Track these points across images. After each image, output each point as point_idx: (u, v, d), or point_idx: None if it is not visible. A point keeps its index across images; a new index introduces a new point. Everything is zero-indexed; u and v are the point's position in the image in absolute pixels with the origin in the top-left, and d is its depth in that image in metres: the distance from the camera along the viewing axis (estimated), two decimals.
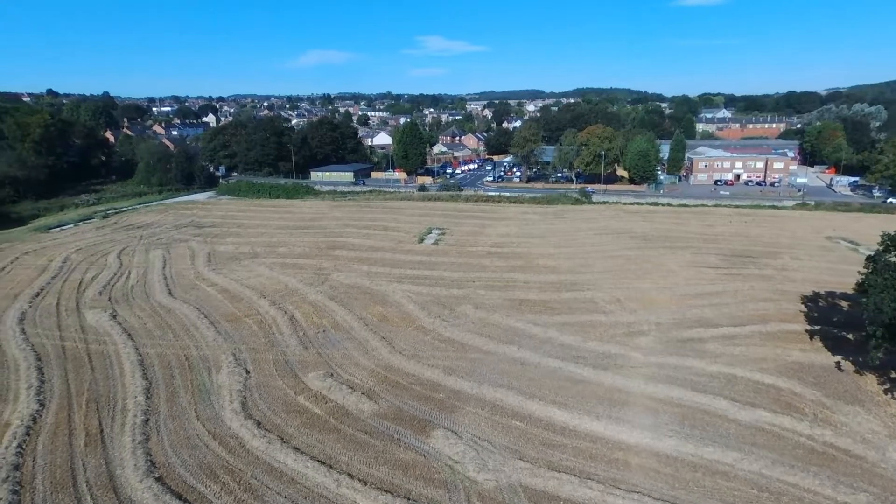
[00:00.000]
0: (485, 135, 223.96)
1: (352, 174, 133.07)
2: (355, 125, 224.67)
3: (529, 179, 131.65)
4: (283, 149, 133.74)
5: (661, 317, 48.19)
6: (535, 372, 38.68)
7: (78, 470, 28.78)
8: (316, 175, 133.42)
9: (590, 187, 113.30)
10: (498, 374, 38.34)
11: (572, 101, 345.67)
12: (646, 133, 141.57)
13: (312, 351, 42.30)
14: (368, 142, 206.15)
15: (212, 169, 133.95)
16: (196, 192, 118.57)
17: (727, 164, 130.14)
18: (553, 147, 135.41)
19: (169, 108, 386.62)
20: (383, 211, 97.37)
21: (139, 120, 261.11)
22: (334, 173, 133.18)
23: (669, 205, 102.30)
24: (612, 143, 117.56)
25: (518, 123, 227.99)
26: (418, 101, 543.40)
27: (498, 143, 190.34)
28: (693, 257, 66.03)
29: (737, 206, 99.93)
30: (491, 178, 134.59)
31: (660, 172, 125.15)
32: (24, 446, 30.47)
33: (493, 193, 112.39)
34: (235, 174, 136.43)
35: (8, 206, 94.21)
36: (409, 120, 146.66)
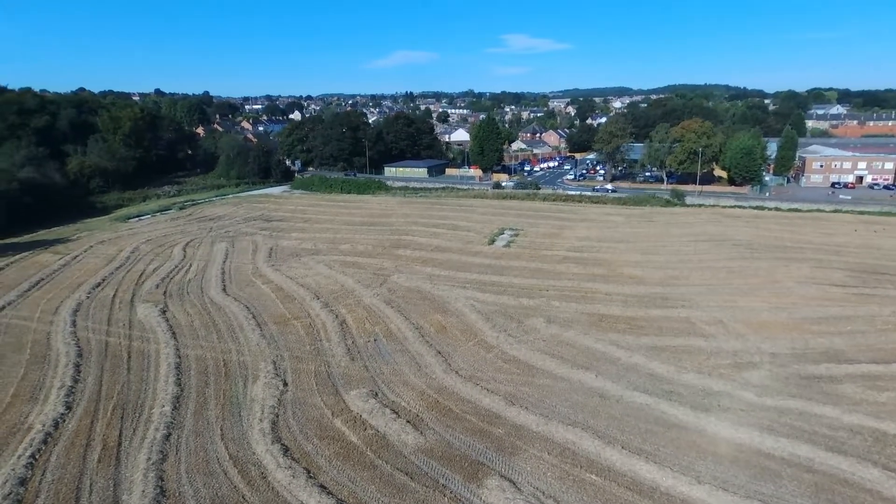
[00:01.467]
0: (567, 132, 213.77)
1: (425, 170, 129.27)
2: (433, 121, 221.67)
3: (614, 178, 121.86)
4: (359, 144, 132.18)
5: (777, 345, 39.44)
6: (617, 408, 31.78)
7: (84, 491, 25.53)
8: (389, 171, 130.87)
9: (683, 188, 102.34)
10: (570, 408, 31.83)
11: (663, 96, 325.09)
12: (749, 129, 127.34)
13: (359, 363, 37.66)
14: (446, 138, 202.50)
15: (289, 163, 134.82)
16: (271, 186, 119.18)
17: (847, 165, 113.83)
18: (641, 144, 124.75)
19: (259, 106, 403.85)
20: (454, 209, 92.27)
21: (230, 116, 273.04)
22: (407, 169, 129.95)
23: (777, 209, 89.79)
24: (711, 139, 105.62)
25: (603, 120, 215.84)
26: (500, 99, 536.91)
27: (581, 140, 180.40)
28: (812, 272, 55.60)
29: (861, 213, 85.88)
30: (572, 177, 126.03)
31: (765, 173, 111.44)
32: (37, 457, 27.77)
33: (573, 192, 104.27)
34: (311, 169, 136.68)
35: (97, 196, 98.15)
36: (486, 117, 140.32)
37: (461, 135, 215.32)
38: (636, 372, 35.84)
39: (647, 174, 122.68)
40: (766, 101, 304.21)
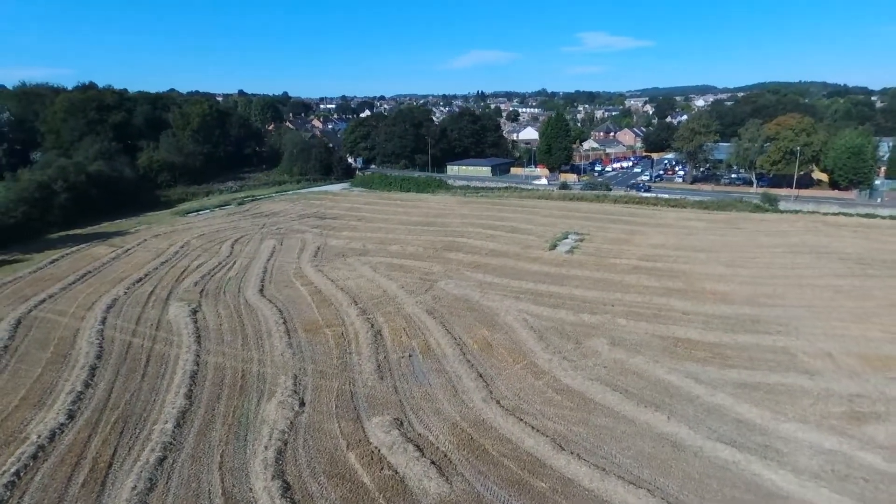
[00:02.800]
0: (643, 130, 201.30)
1: (489, 169, 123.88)
2: (501, 119, 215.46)
3: (695, 180, 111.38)
4: (421, 141, 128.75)
5: None
6: (695, 465, 25.30)
7: None
8: (452, 169, 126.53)
9: (776, 192, 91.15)
10: (634, 460, 25.68)
11: (752, 94, 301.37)
12: (854, 127, 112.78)
13: (388, 383, 33.07)
14: (514, 137, 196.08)
15: (351, 160, 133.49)
16: (332, 183, 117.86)
17: None
18: (727, 144, 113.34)
19: (332, 106, 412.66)
20: (515, 210, 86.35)
21: (303, 115, 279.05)
22: (470, 167, 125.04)
23: (893, 218, 77.47)
24: (811, 136, 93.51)
25: (684, 118, 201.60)
26: (573, 98, 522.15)
27: (658, 140, 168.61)
28: None
29: None
30: (647, 177, 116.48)
31: (875, 176, 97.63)
32: (21, 475, 25.04)
33: (647, 195, 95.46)
34: (373, 166, 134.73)
35: (163, 190, 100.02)
36: (554, 114, 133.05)
37: (530, 133, 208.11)
38: (720, 416, 29.01)
39: (734, 176, 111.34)
40: (873, 98, 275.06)
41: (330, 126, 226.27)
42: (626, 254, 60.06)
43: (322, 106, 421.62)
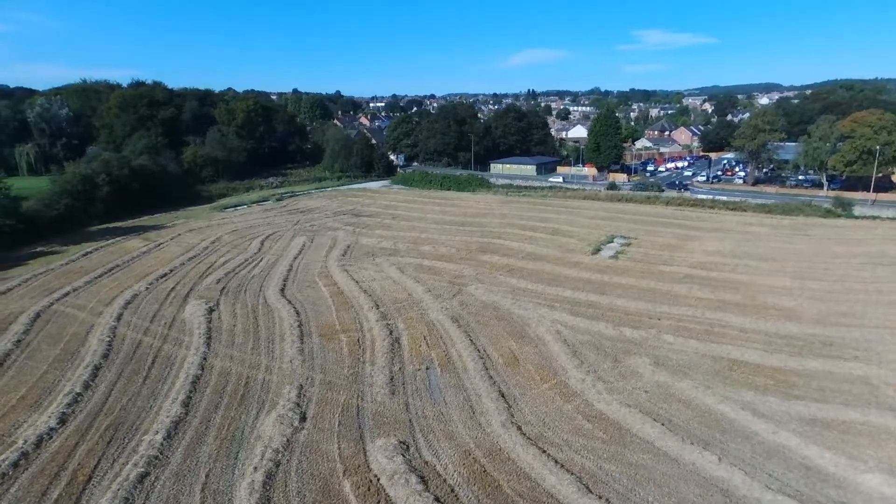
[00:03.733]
0: (701, 129, 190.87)
1: (533, 167, 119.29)
2: (550, 117, 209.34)
3: (757, 181, 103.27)
4: (465, 138, 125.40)
5: None
6: None
7: None
8: (495, 167, 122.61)
9: (850, 195, 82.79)
10: None
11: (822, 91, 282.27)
12: None
13: (400, 400, 29.96)
14: (562, 135, 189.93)
15: (392, 158, 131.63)
16: (372, 181, 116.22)
17: None
18: (794, 143, 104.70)
19: (382, 104, 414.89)
20: (558, 210, 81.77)
21: (351, 113, 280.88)
22: (514, 166, 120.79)
23: None
24: (893, 135, 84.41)
25: (746, 116, 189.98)
26: (628, 97, 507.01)
27: (717, 139, 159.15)
28: None
29: None
30: (704, 178, 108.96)
31: None
32: None
33: (704, 196, 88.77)
34: (415, 164, 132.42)
35: (206, 185, 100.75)
36: (604, 109, 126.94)
37: (579, 131, 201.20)
38: (784, 460, 24.38)
39: (801, 177, 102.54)
40: None
41: (377, 123, 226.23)
42: (676, 261, 54.88)
43: (372, 104, 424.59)
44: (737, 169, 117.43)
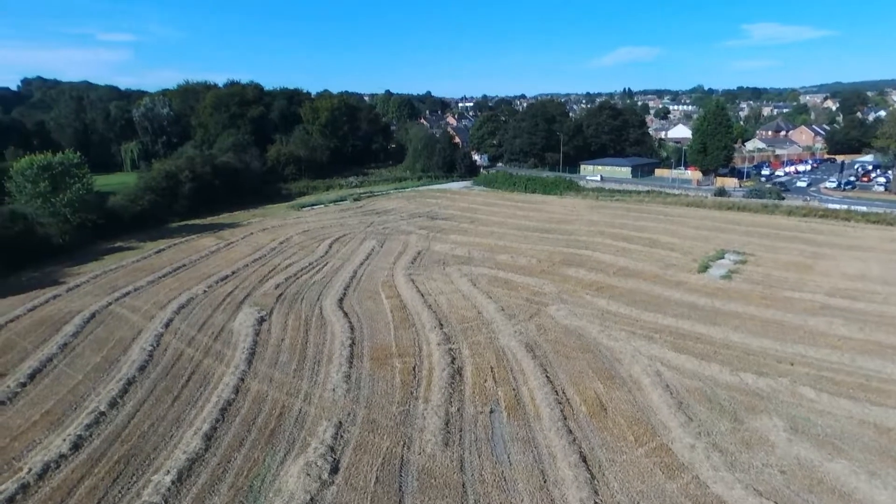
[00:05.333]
0: (826, 129, 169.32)
1: (628, 169, 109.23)
2: (647, 116, 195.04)
3: None
4: (553, 138, 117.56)
5: None
6: None
7: None
8: (585, 168, 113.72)
9: None
10: None
11: None
12: None
13: (453, 453, 24.27)
14: (661, 135, 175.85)
15: (476, 157, 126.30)
16: (454, 181, 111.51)
17: None
18: None
19: (470, 104, 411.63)
20: (656, 218, 72.52)
21: (439, 112, 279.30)
22: (607, 167, 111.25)
23: None
24: None
25: (882, 114, 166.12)
26: (735, 95, 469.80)
27: (846, 139, 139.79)
28: None
29: None
30: (834, 184, 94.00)
31: None
32: None
33: (835, 206, 75.58)
34: (500, 164, 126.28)
35: (287, 183, 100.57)
36: (713, 105, 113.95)
37: (681, 131, 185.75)
38: None
39: None
40: None
41: (463, 123, 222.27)
42: (807, 285, 45.01)
43: (461, 104, 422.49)
44: (875, 174, 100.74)
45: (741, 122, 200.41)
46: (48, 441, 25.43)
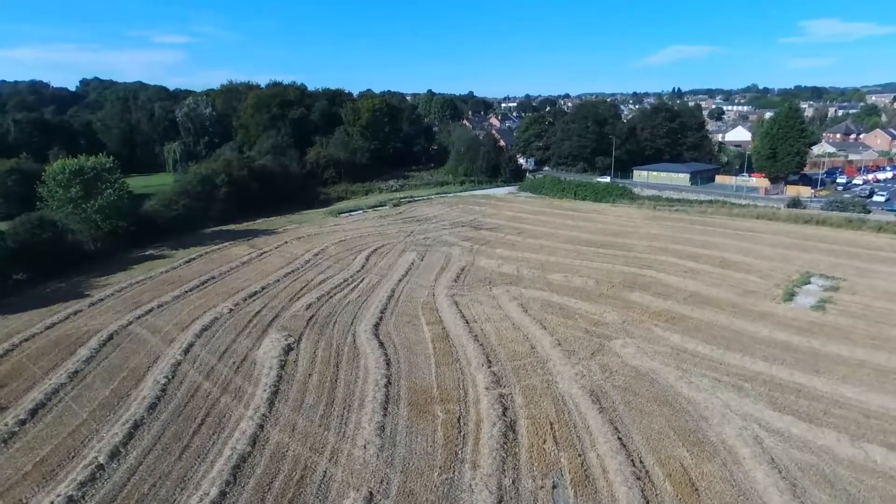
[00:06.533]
0: None
1: (687, 176, 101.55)
2: (703, 117, 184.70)
3: None
4: (604, 141, 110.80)
5: None
6: None
7: None
8: (639, 174, 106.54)
9: None
10: None
11: None
12: None
13: None
14: (718, 138, 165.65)
15: (522, 161, 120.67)
16: (498, 186, 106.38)
17: None
18: None
19: (514, 104, 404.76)
20: (724, 233, 65.62)
21: (482, 113, 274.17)
22: (663, 174, 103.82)
23: None
24: None
25: None
26: (793, 94, 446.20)
27: None
28: None
29: None
30: None
31: None
32: None
33: None
34: (547, 168, 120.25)
35: (327, 187, 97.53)
36: (784, 106, 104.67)
37: (740, 134, 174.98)
38: None
39: None
40: None
41: (507, 124, 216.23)
42: None
43: (504, 105, 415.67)
44: None
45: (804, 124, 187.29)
46: (36, 501, 21.89)
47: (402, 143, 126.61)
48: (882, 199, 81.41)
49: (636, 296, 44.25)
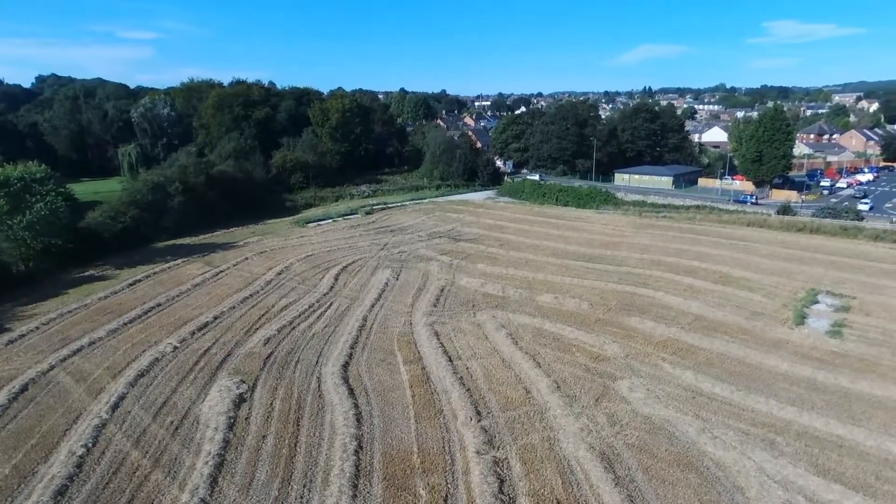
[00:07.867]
0: (880, 133, 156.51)
1: (670, 179, 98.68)
2: (682, 118, 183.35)
3: None
4: (585, 143, 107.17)
5: None
6: None
7: None
8: (621, 178, 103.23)
9: None
10: None
11: None
12: None
13: None
14: (695, 138, 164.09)
15: (499, 164, 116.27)
16: (476, 190, 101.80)
17: None
18: None
19: (487, 103, 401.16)
20: (718, 243, 62.08)
21: (455, 112, 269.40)
22: (645, 177, 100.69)
23: None
24: None
25: None
26: (760, 94, 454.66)
27: None
28: None
29: None
30: None
31: None
32: None
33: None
34: (525, 171, 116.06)
35: (293, 193, 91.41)
36: (770, 108, 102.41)
37: (717, 134, 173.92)
38: None
39: None
40: None
41: (482, 124, 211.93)
42: None
43: (477, 103, 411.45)
44: None
45: None
46: None
47: (374, 144, 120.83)
48: (866, 207, 79.15)
49: (636, 321, 39.91)
